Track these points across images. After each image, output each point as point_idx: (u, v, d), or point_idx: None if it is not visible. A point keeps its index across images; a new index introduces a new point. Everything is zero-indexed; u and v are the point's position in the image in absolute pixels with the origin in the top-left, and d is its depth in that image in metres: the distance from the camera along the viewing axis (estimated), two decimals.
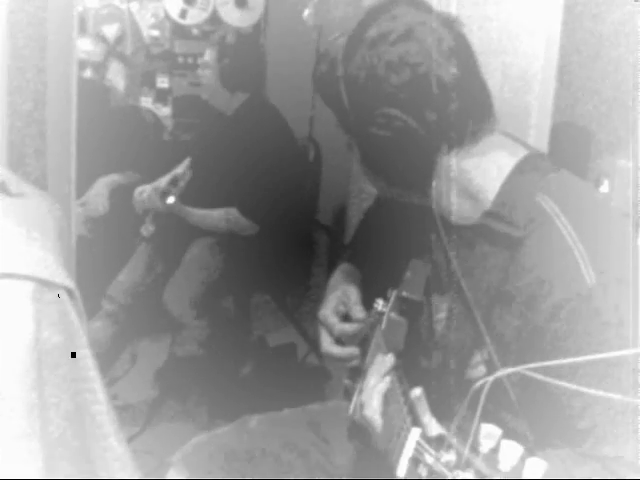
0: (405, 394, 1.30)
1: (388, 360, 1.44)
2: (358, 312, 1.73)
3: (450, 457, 1.07)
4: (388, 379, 1.40)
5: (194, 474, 1.75)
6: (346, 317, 1.75)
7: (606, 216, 1.44)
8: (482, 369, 1.45)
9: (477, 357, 1.46)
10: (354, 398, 1.61)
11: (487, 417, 1.12)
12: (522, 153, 1.49)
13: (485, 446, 1.05)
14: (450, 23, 1.44)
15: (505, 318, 1.40)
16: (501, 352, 1.41)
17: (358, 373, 1.65)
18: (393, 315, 1.59)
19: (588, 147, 2.03)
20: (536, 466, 1.02)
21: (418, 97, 1.39)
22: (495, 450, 1.04)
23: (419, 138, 1.41)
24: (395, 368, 1.42)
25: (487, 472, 1.02)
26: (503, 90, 1.42)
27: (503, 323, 1.40)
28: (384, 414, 1.36)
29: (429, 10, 1.44)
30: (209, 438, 1.85)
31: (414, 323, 1.58)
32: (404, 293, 1.57)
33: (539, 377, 1.20)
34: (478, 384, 1.15)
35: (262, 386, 3.47)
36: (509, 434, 1.41)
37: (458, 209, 1.48)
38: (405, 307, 1.57)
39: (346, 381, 1.68)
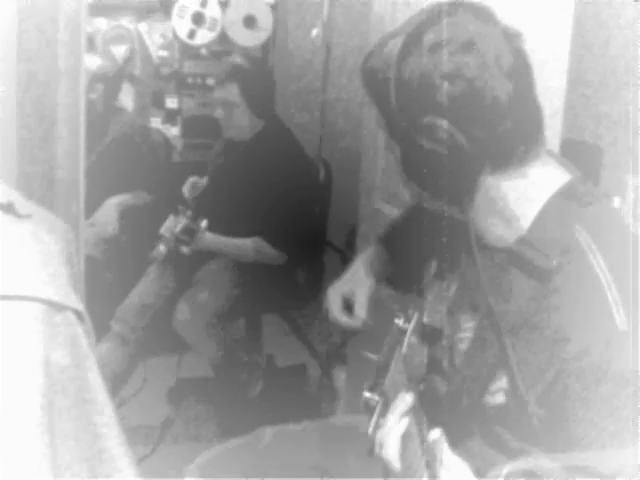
0: (423, 440, 1.26)
1: (407, 400, 1.39)
2: (361, 309, 1.74)
3: None
4: (405, 423, 1.36)
5: None
6: (350, 306, 1.77)
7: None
8: (501, 397, 1.42)
9: (498, 384, 1.42)
10: (375, 415, 1.58)
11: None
12: (565, 179, 1.44)
13: None
14: (511, 37, 1.38)
15: (531, 348, 1.36)
16: (525, 382, 1.37)
17: (377, 386, 1.63)
18: (414, 340, 1.57)
19: (598, 163, 2.02)
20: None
21: (470, 112, 1.35)
22: None
23: (464, 154, 1.37)
24: (414, 409, 1.38)
25: None
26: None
27: (529, 353, 1.36)
28: (402, 456, 1.33)
29: (492, 21, 1.39)
30: (224, 450, 1.85)
31: (434, 349, 1.56)
32: (425, 319, 1.55)
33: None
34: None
35: (272, 407, 3.46)
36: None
37: (494, 231, 1.45)
38: (426, 332, 1.56)
39: (366, 394, 1.65)
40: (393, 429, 1.37)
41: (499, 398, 1.42)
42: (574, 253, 1.34)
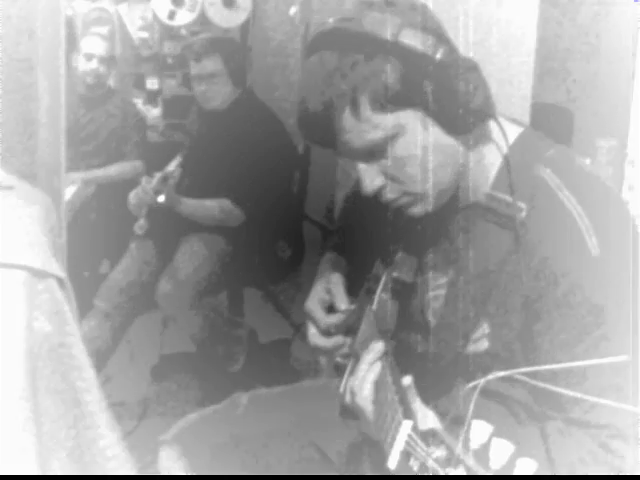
0: (396, 382, 1.30)
1: (378, 347, 1.43)
2: (341, 303, 1.72)
3: (441, 453, 1.07)
4: (378, 366, 1.40)
5: (185, 452, 1.76)
6: (332, 307, 1.76)
7: (604, 190, 1.44)
8: (484, 343, 1.46)
9: (480, 331, 1.46)
10: (345, 375, 1.62)
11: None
12: (518, 130, 1.50)
13: (476, 442, 1.07)
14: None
15: (509, 293, 1.41)
16: (505, 325, 1.43)
17: (349, 352, 1.66)
18: (384, 296, 1.60)
19: (569, 127, 2.05)
20: (526, 466, 1.03)
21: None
22: (486, 446, 1.06)
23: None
24: (385, 354, 1.42)
25: (478, 469, 1.03)
26: (483, 72, 1.41)
27: (506, 297, 1.41)
28: (375, 402, 1.37)
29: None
30: (200, 417, 1.86)
31: (405, 304, 1.59)
32: (395, 274, 1.58)
33: (533, 383, 1.22)
34: (471, 385, 1.16)
35: (254, 382, 3.48)
36: (507, 403, 1.44)
37: (460, 190, 1.48)
38: (396, 288, 1.59)
39: (338, 359, 1.68)
40: (365, 376, 1.40)
41: (482, 344, 1.46)
42: (542, 191, 1.39)
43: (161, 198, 3.35)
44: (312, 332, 1.75)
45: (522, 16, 2.05)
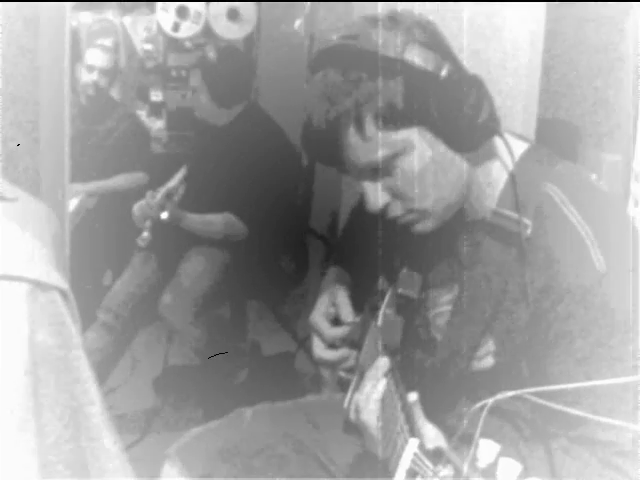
0: (401, 399, 1.30)
1: (383, 363, 1.43)
2: (347, 315, 1.72)
3: (448, 472, 1.06)
4: (384, 383, 1.39)
5: (189, 466, 1.75)
6: (337, 320, 1.76)
7: (610, 205, 1.44)
8: (490, 360, 1.46)
9: (485, 348, 1.46)
10: (349, 391, 1.61)
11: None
12: (524, 146, 1.50)
13: (483, 461, 1.06)
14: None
15: (514, 310, 1.41)
16: (510, 342, 1.43)
17: (353, 366, 1.65)
18: (389, 312, 1.60)
19: (575, 142, 2.04)
20: None
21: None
22: (493, 466, 1.05)
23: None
24: (391, 371, 1.41)
25: None
26: (487, 87, 1.41)
27: (512, 315, 1.41)
28: (380, 419, 1.36)
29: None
30: (204, 431, 1.85)
31: (410, 320, 1.58)
32: (400, 290, 1.58)
33: (542, 402, 1.21)
34: (478, 405, 1.15)
35: (257, 395, 3.47)
36: (512, 419, 1.43)
37: (468, 206, 1.48)
38: (401, 304, 1.58)
39: (341, 373, 1.68)
40: (371, 392, 1.39)
41: (488, 361, 1.46)
42: (548, 208, 1.39)
43: (164, 215, 3.35)
44: (317, 344, 1.75)
45: (527, 29, 2.05)
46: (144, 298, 3.54)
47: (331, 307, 1.75)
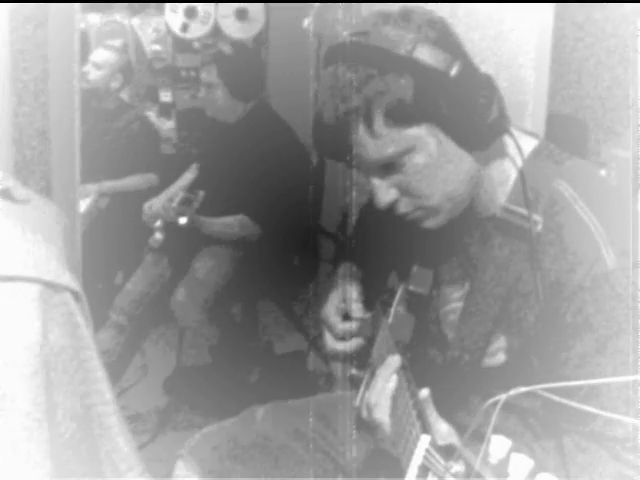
0: (413, 395, 1.30)
1: (395, 361, 1.43)
2: (357, 310, 1.73)
3: (460, 468, 1.06)
4: (395, 380, 1.39)
5: (202, 465, 1.75)
6: (348, 315, 1.76)
7: (619, 201, 1.44)
8: (501, 356, 1.46)
9: (495, 345, 1.46)
10: (361, 389, 1.61)
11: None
12: (534, 143, 1.50)
13: (495, 457, 1.06)
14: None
15: (525, 306, 1.41)
16: (522, 338, 1.43)
17: (364, 363, 1.66)
18: (400, 309, 1.60)
19: (584, 138, 2.04)
20: None
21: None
22: (505, 462, 1.05)
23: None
24: (402, 368, 1.41)
25: None
26: (497, 82, 1.41)
27: (523, 311, 1.41)
28: (392, 415, 1.36)
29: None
30: (217, 429, 1.85)
31: (421, 317, 1.59)
32: (411, 287, 1.58)
33: (556, 399, 1.21)
34: (491, 401, 1.15)
35: (269, 394, 3.47)
36: (523, 415, 1.43)
37: (479, 202, 1.48)
38: (412, 301, 1.58)
39: (353, 371, 1.68)
40: (382, 390, 1.40)
41: (499, 358, 1.46)
42: (558, 204, 1.39)
43: (183, 220, 3.36)
44: (328, 338, 1.76)
45: (537, 27, 2.05)
46: (156, 298, 3.56)
47: (342, 302, 1.76)
